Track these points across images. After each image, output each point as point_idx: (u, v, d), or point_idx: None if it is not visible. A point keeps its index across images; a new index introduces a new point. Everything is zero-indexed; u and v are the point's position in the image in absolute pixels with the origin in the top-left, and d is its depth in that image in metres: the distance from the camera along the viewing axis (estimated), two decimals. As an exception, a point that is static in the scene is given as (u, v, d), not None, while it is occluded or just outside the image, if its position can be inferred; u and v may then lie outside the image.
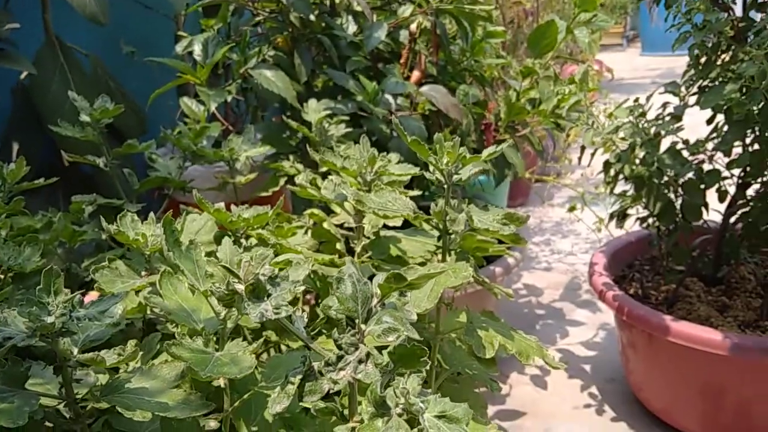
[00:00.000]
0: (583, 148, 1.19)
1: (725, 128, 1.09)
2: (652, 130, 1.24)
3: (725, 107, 1.05)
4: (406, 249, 0.66)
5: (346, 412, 0.39)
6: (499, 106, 1.31)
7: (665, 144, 1.29)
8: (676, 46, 1.07)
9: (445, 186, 0.58)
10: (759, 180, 1.25)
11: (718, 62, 1.14)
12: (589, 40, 2.07)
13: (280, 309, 0.34)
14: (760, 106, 0.98)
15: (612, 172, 1.17)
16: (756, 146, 1.17)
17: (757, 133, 1.17)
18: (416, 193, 0.75)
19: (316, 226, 0.86)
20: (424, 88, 1.18)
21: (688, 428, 1.30)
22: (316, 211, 0.85)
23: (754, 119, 1.02)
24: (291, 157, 0.99)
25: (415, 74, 1.37)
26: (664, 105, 1.29)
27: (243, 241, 0.71)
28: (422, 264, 0.62)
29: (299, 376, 0.35)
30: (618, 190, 1.37)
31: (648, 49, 7.89)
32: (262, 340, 0.47)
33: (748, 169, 1.24)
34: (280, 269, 0.52)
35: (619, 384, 1.50)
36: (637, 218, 1.30)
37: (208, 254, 0.57)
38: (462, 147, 0.58)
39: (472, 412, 0.33)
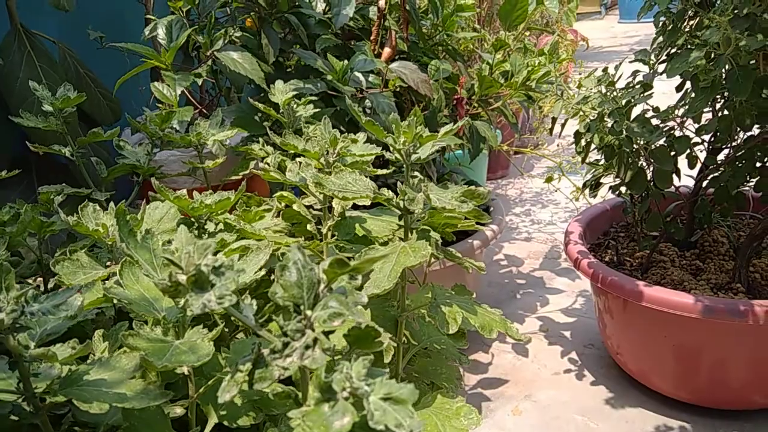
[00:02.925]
0: (554, 119, 1.20)
1: (693, 95, 1.10)
2: (624, 99, 1.24)
3: (692, 74, 1.06)
4: (371, 229, 0.67)
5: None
6: (471, 80, 1.31)
7: (637, 112, 1.29)
8: (641, 14, 1.07)
9: (404, 165, 0.59)
10: (729, 145, 1.26)
11: (685, 29, 1.14)
12: (566, 9, 2.07)
13: (223, 299, 0.34)
14: (725, 72, 0.98)
15: (583, 142, 1.17)
16: (725, 112, 1.18)
17: (725, 99, 1.18)
18: (384, 171, 0.75)
19: (288, 209, 0.86)
20: (394, 65, 1.17)
21: (664, 390, 1.33)
22: (285, 193, 0.85)
23: (720, 85, 1.03)
24: (261, 140, 0.99)
25: (386, 51, 1.36)
26: (634, 73, 1.29)
27: (212, 226, 0.71)
28: (385, 243, 0.63)
29: (248, 364, 0.36)
30: (592, 159, 1.38)
31: (626, 16, 7.85)
32: (221, 327, 0.48)
33: (718, 134, 1.26)
34: (241, 255, 0.52)
35: (597, 349, 1.54)
36: (610, 187, 1.32)
37: (170, 242, 0.57)
38: (420, 126, 0.58)
39: (417, 393, 0.34)
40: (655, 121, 1.27)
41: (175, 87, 1.04)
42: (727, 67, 0.98)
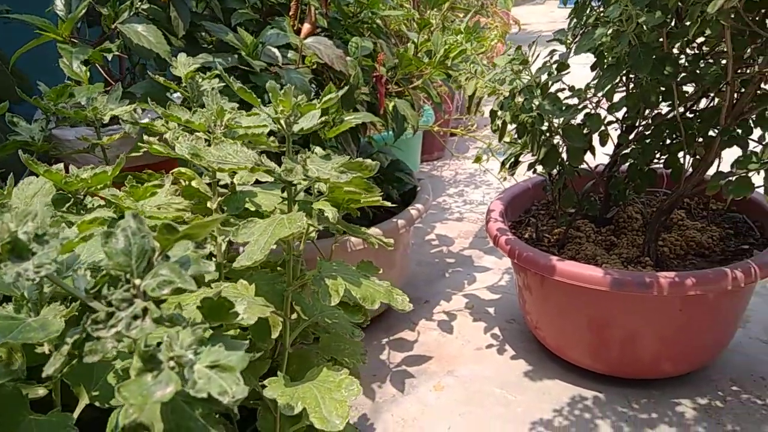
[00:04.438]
0: (470, 98, 1.21)
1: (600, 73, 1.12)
2: (543, 77, 1.26)
3: (598, 52, 1.08)
4: (261, 203, 0.66)
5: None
6: (389, 58, 1.30)
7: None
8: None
9: (286, 136, 0.57)
10: (640, 123, 1.30)
11: (597, 8, 1.16)
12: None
13: (41, 268, 0.33)
14: (628, 49, 1.01)
15: (498, 120, 1.19)
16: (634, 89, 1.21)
17: (636, 77, 1.21)
18: (277, 144, 0.73)
19: (188, 186, 0.84)
20: (309, 40, 1.15)
21: (581, 362, 1.37)
22: (184, 169, 0.82)
23: (624, 62, 1.05)
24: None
25: (306, 27, 1.33)
26: (551, 52, 1.31)
27: (92, 202, 0.68)
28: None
29: (77, 336, 0.35)
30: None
31: (565, 1, 7.97)
32: (77, 303, 0.46)
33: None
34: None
35: (519, 324, 1.57)
36: (528, 165, 1.34)
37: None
38: (301, 96, 0.57)
39: (247, 359, 0.33)
40: (575, 100, 1.30)
41: (72, 61, 0.99)
42: (630, 44, 1.00)
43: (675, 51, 1.21)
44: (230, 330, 0.65)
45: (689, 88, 1.23)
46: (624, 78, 1.27)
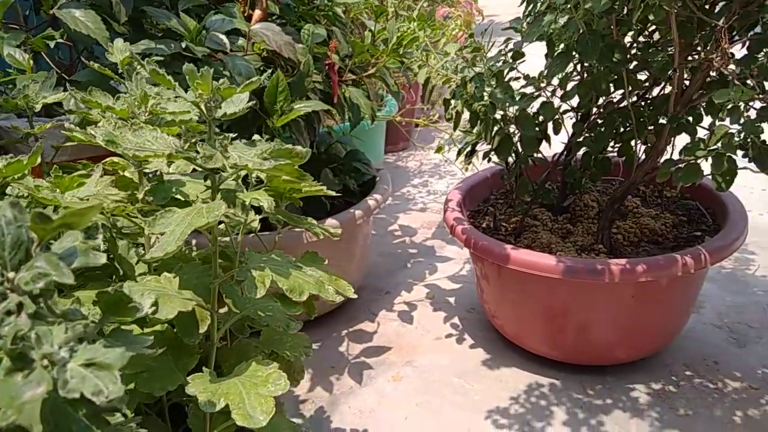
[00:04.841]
0: (424, 86, 1.19)
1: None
2: (496, 65, 1.25)
3: (548, 39, 1.07)
4: (189, 192, 0.63)
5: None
6: (343, 45, 1.28)
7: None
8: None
9: (207, 121, 0.55)
10: (593, 111, 1.30)
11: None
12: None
13: None
14: (577, 36, 1.00)
15: (451, 109, 1.18)
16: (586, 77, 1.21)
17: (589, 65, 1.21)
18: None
19: (121, 176, 0.81)
20: (257, 26, 1.12)
21: (537, 350, 1.38)
22: (116, 159, 0.80)
23: (574, 49, 1.05)
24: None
25: (256, 13, 1.30)
26: (506, 40, 1.30)
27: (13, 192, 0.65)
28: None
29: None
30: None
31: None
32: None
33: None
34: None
35: (478, 313, 1.57)
36: (483, 154, 1.33)
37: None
38: (222, 80, 0.54)
39: (127, 356, 0.32)
40: (531, 89, 1.29)
41: (3, 47, 0.95)
42: (579, 30, 1.00)
43: (628, 39, 1.21)
44: (156, 325, 0.63)
45: (644, 77, 1.24)
46: (579, 67, 1.27)
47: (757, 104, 1.00)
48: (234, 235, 0.74)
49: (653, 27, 1.12)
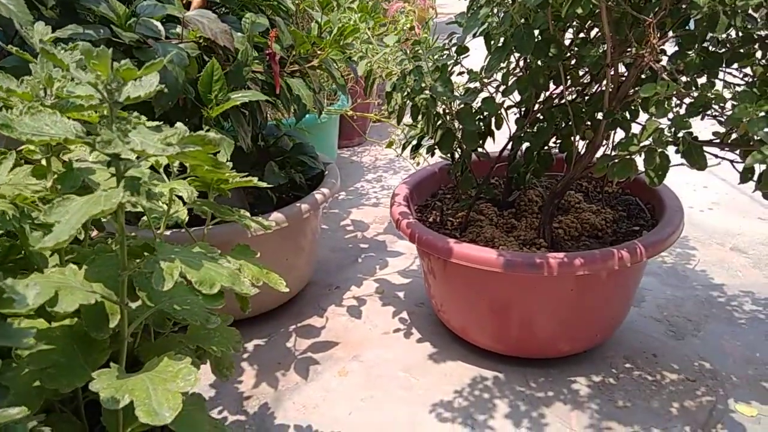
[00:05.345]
0: (366, 79, 1.18)
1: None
2: (433, 59, 1.25)
3: (485, 33, 1.08)
4: (98, 180, 0.61)
5: None
6: (286, 36, 1.26)
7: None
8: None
9: (108, 105, 0.53)
10: (534, 107, 1.31)
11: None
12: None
13: None
14: (513, 30, 1.00)
15: (393, 102, 1.17)
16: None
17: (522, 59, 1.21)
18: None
19: (40, 165, 0.78)
20: (192, 13, 1.10)
21: (483, 343, 1.39)
22: (32, 147, 0.77)
23: (511, 44, 1.05)
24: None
25: (195, 1, 1.27)
26: (450, 35, 1.31)
27: None
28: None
29: None
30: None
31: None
32: None
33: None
34: None
35: (427, 308, 1.57)
36: (427, 148, 1.33)
37: None
38: (124, 61, 0.52)
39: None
40: (477, 84, 1.29)
41: None
42: (515, 25, 1.00)
43: (570, 35, 1.23)
44: (65, 319, 0.60)
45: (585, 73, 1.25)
46: (522, 62, 1.28)
47: (688, 100, 1.02)
48: (156, 228, 0.72)
49: (590, 23, 1.13)
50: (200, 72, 1.14)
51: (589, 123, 1.18)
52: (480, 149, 1.31)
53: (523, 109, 1.33)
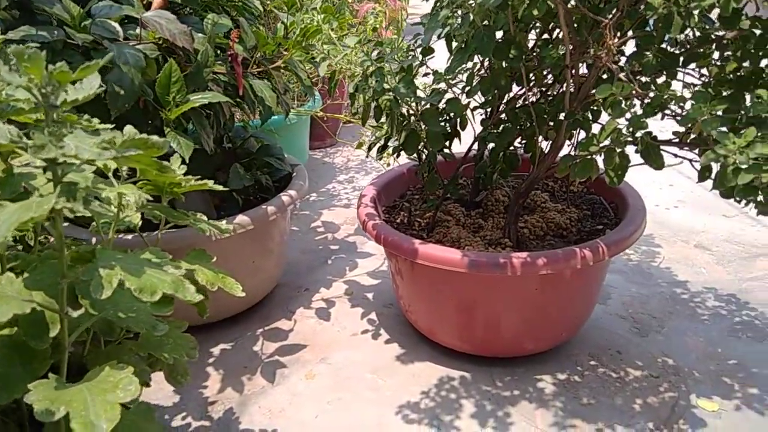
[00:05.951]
0: (329, 79, 1.17)
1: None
2: (409, 59, 1.25)
3: (446, 34, 1.08)
4: (38, 186, 0.60)
5: None
6: (249, 37, 1.25)
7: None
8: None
9: (44, 108, 0.52)
10: (497, 107, 1.32)
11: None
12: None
13: None
14: (473, 32, 1.00)
15: (356, 103, 1.16)
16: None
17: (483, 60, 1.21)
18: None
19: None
20: (149, 14, 1.08)
21: (450, 344, 1.39)
22: (-23, 153, 0.75)
23: (473, 45, 1.05)
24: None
25: (156, 1, 1.25)
26: (415, 36, 1.30)
27: None
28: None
29: None
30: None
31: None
32: None
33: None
34: None
35: (395, 309, 1.57)
36: (393, 149, 1.33)
37: None
38: (59, 63, 0.51)
39: None
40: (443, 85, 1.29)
41: None
42: (474, 26, 1.00)
43: (533, 37, 1.23)
44: (5, 329, 0.59)
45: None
46: (487, 63, 1.28)
47: (647, 100, 1.03)
48: (105, 233, 0.70)
49: (552, 24, 1.14)
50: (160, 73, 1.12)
51: (551, 123, 1.19)
52: (446, 150, 1.31)
53: (488, 109, 1.33)
